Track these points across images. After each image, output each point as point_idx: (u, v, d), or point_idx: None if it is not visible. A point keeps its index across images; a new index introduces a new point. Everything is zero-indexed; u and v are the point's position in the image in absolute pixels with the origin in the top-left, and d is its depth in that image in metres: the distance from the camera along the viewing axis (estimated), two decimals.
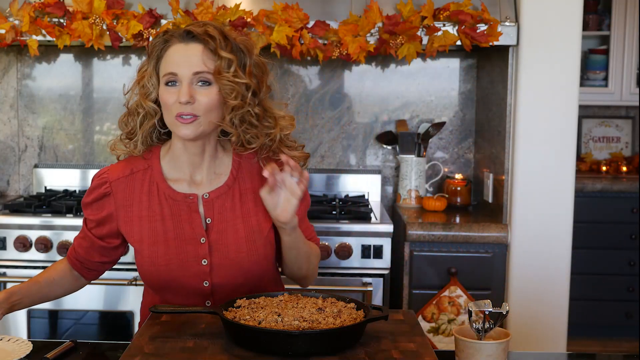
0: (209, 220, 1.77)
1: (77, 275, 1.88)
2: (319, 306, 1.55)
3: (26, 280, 1.84)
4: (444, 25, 2.76)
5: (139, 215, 1.77)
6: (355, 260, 2.75)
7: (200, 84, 1.69)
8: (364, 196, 3.27)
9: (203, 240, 1.76)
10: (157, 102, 1.74)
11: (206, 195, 1.78)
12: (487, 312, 1.48)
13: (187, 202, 1.77)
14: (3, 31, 2.77)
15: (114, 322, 2.84)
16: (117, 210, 1.79)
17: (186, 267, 1.75)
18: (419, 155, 3.20)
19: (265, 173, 1.66)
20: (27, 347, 1.59)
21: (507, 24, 2.76)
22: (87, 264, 1.86)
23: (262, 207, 1.78)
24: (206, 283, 1.76)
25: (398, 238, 2.90)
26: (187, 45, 1.70)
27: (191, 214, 1.77)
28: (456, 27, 2.75)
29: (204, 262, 1.75)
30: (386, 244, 2.75)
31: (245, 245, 1.77)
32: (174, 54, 1.70)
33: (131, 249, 1.87)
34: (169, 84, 1.70)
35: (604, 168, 4.60)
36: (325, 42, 2.76)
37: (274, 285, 1.87)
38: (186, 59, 1.69)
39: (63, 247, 2.72)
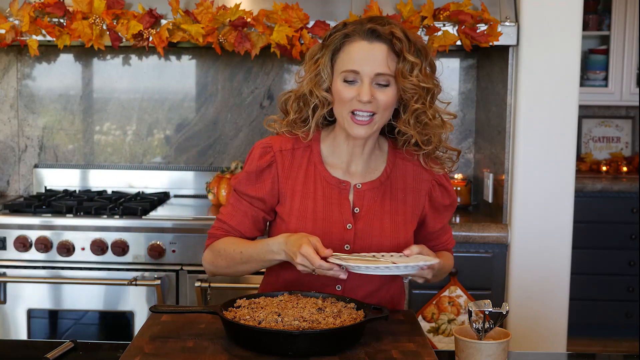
0: (357, 210, 1.80)
1: None
2: (319, 306, 1.55)
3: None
4: (444, 25, 2.76)
5: (292, 189, 1.80)
6: None
7: (379, 84, 1.71)
8: None
9: (349, 226, 1.78)
10: (328, 91, 1.76)
11: (359, 185, 1.81)
12: (487, 312, 1.48)
13: (340, 187, 1.80)
14: (3, 31, 2.77)
15: (114, 322, 2.84)
16: (278, 179, 1.81)
17: (328, 248, 1.76)
18: None
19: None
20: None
21: (507, 24, 2.76)
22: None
23: (410, 208, 1.82)
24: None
25: None
26: (371, 44, 1.70)
27: (342, 199, 1.80)
28: (456, 27, 2.75)
29: (347, 247, 1.78)
30: None
31: (389, 239, 1.79)
32: (357, 51, 1.71)
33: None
34: (348, 80, 1.71)
35: (604, 168, 4.60)
36: None
37: (398, 286, 1.90)
38: (370, 58, 1.70)
39: (63, 247, 2.72)
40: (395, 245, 1.79)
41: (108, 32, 2.76)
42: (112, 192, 3.25)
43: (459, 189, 3.17)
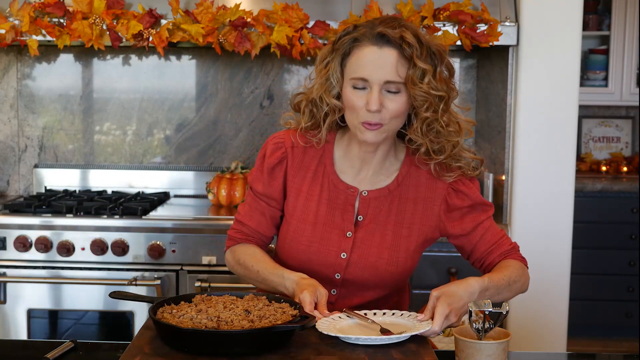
0: (360, 218, 1.76)
1: None
2: (248, 309, 1.53)
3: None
4: (444, 25, 2.76)
5: (299, 189, 1.78)
6: None
7: (389, 91, 1.65)
8: None
9: (349, 234, 1.75)
10: (339, 97, 1.71)
11: (365, 193, 1.77)
12: (487, 312, 1.48)
13: (347, 193, 1.76)
14: (3, 31, 2.77)
15: (114, 322, 2.84)
16: (286, 175, 1.79)
17: (324, 255, 1.75)
18: None
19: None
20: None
21: (507, 24, 2.75)
22: (263, 242, 1.86)
23: (419, 219, 1.77)
24: (338, 275, 1.76)
25: None
26: (380, 50, 1.63)
27: (346, 205, 1.76)
28: (456, 27, 2.75)
29: (343, 255, 1.75)
30: None
31: (388, 252, 1.75)
32: (366, 56, 1.64)
33: None
34: (357, 87, 1.66)
35: (604, 168, 4.60)
36: (325, 42, 2.76)
37: (402, 294, 1.87)
38: (379, 64, 1.63)
39: (63, 247, 2.72)
40: (394, 258, 1.75)
41: (108, 32, 2.76)
42: (112, 192, 3.25)
43: None
